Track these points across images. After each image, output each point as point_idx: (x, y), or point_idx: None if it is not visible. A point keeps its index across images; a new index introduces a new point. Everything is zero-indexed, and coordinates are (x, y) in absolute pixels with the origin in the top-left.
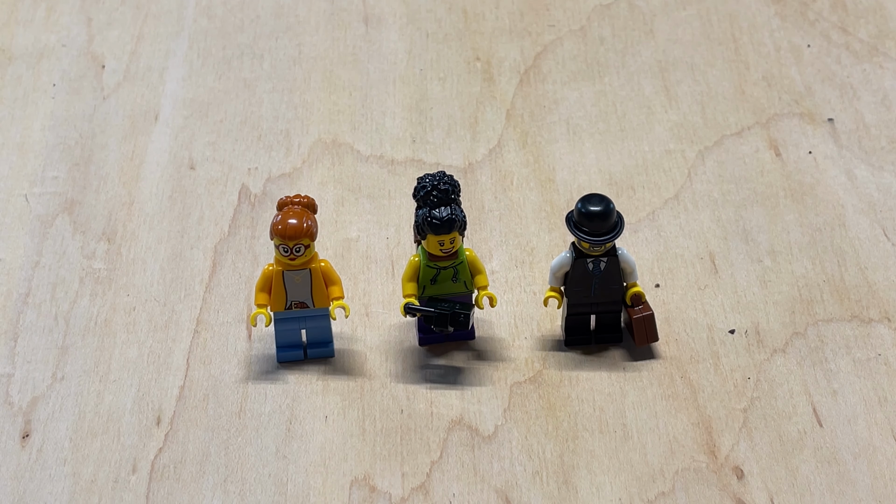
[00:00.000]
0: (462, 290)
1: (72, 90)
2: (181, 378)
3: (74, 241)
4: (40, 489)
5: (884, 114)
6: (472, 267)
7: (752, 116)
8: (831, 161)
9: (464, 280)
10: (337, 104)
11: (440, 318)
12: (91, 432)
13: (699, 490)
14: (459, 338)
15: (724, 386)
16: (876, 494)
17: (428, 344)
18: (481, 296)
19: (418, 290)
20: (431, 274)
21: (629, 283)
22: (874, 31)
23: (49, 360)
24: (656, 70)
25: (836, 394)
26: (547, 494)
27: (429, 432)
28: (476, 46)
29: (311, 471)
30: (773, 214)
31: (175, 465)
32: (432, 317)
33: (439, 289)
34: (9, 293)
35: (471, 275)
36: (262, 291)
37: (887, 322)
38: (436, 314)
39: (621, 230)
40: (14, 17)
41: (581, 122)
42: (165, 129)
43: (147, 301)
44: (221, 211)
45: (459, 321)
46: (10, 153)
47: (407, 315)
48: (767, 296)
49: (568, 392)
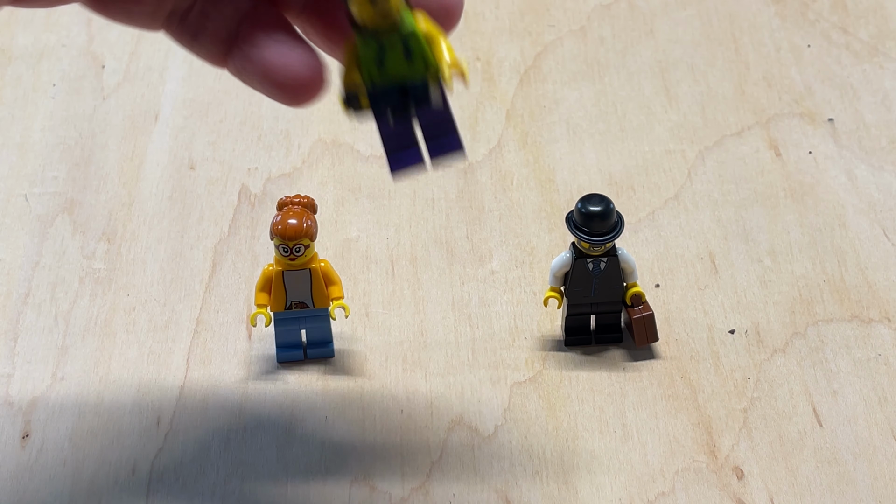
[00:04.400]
0: (421, 71)
1: (72, 90)
2: (181, 378)
3: (74, 241)
4: (40, 490)
5: (884, 114)
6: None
7: (752, 116)
8: (831, 161)
9: (421, 56)
10: (337, 105)
11: (388, 96)
12: (91, 432)
13: (699, 490)
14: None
15: (724, 386)
16: (876, 494)
17: (397, 169)
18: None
19: (363, 82)
20: (372, 52)
21: (629, 284)
22: (874, 32)
23: (49, 361)
24: (656, 70)
25: (837, 394)
26: (547, 495)
27: (429, 432)
28: (476, 46)
29: (310, 471)
30: (773, 214)
31: (175, 465)
32: (380, 99)
33: (391, 73)
34: (8, 293)
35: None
36: (261, 291)
37: (887, 322)
38: (381, 90)
39: (621, 230)
40: (14, 17)
41: (581, 122)
42: (165, 129)
43: (147, 301)
44: (221, 211)
45: (419, 94)
46: (10, 153)
47: (349, 109)
48: (767, 296)
49: (568, 392)
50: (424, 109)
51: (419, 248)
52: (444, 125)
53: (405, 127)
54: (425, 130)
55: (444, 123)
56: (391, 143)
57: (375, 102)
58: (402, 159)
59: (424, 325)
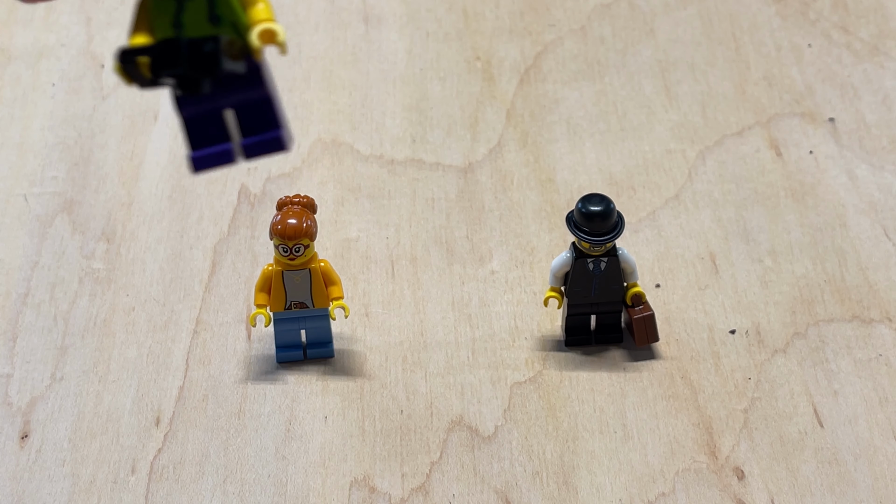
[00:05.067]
0: (229, 33)
1: (71, 90)
2: (180, 378)
3: (73, 241)
4: (39, 490)
5: (885, 113)
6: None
7: (752, 116)
8: (832, 161)
9: (228, 17)
10: (337, 104)
11: (170, 59)
12: (90, 433)
13: (700, 491)
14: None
15: (724, 386)
16: (877, 495)
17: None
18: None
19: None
20: (169, 9)
21: (629, 284)
22: (875, 31)
23: (48, 361)
24: (657, 70)
25: (837, 394)
26: (547, 495)
27: (428, 433)
28: (476, 46)
29: (310, 471)
30: (773, 214)
31: (174, 465)
32: (161, 65)
33: (190, 34)
34: (8, 293)
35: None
36: (261, 291)
37: (888, 322)
38: (157, 48)
39: (622, 230)
40: (13, 16)
41: (581, 121)
42: (165, 129)
43: (146, 301)
44: (221, 211)
45: (202, 55)
46: (10, 153)
47: (124, 74)
48: (768, 296)
49: (568, 392)
50: (230, 89)
51: (419, 248)
52: (262, 114)
53: (212, 113)
54: (240, 121)
55: (263, 112)
56: (196, 135)
57: (157, 69)
58: (206, 159)
59: (424, 325)
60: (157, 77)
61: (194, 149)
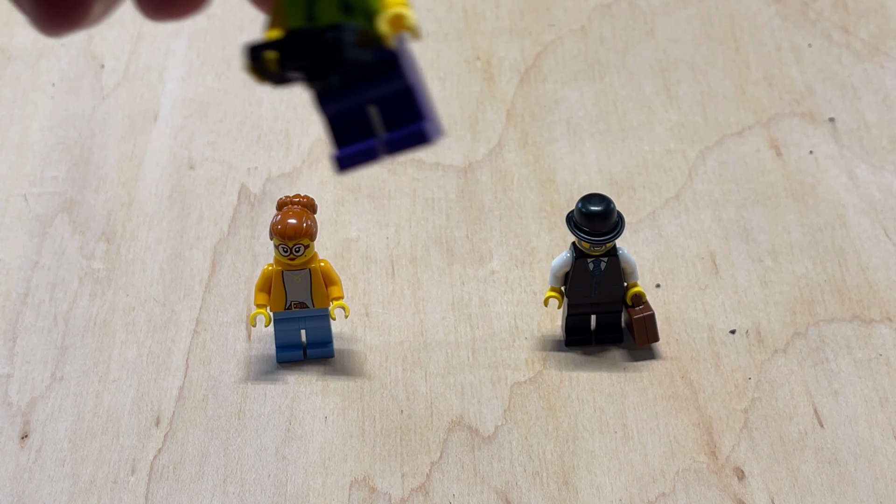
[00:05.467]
0: (362, 22)
1: (71, 90)
2: (180, 378)
3: (73, 241)
4: (39, 490)
5: (885, 113)
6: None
7: (752, 116)
8: (832, 161)
9: (359, 6)
10: None
11: (292, 47)
12: (90, 433)
13: (700, 491)
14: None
15: (724, 386)
16: (877, 495)
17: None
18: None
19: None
20: (301, 2)
21: (630, 283)
22: (875, 31)
23: (48, 361)
24: (657, 70)
25: (837, 394)
26: (547, 495)
27: (429, 433)
28: (476, 46)
29: (310, 471)
30: (773, 214)
31: (174, 465)
32: (289, 58)
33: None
34: (8, 293)
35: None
36: (261, 291)
37: (888, 322)
38: (282, 41)
39: (622, 230)
40: (13, 16)
41: (581, 121)
42: (165, 129)
43: (146, 301)
44: (221, 211)
45: (325, 44)
46: (9, 153)
47: (255, 72)
48: (768, 296)
49: (568, 392)
50: (370, 82)
51: (419, 248)
52: (404, 107)
53: (354, 109)
54: (383, 115)
55: (405, 104)
56: (341, 133)
57: (283, 63)
58: (350, 158)
59: (424, 325)
60: (284, 71)
61: (339, 147)
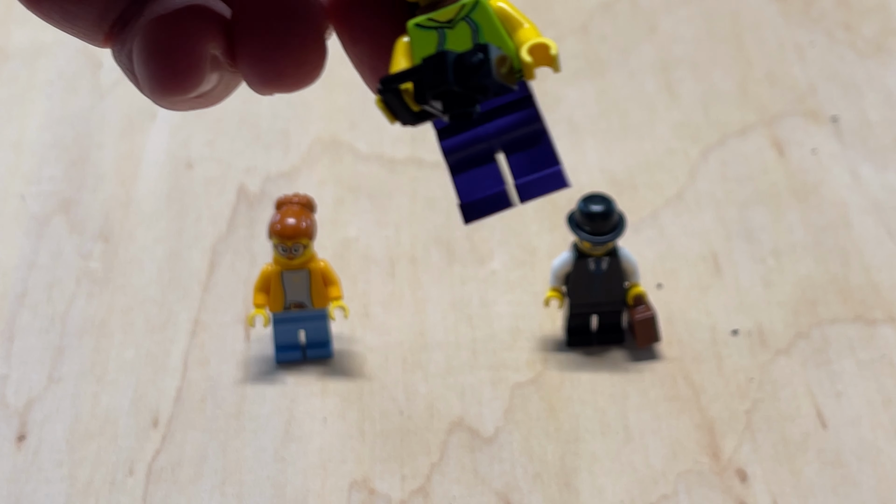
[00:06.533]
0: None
1: (68, 88)
2: (178, 379)
3: (71, 240)
4: (36, 492)
5: (888, 112)
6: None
7: (755, 115)
8: (835, 160)
9: (496, 38)
10: (336, 102)
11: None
12: (87, 434)
13: (702, 493)
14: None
15: (726, 387)
16: (880, 497)
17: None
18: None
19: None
20: (431, 40)
21: (631, 284)
22: (878, 29)
23: (45, 362)
24: (658, 68)
25: (841, 395)
26: (548, 497)
27: (428, 434)
28: None
29: (309, 473)
30: (776, 214)
31: (172, 467)
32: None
33: None
34: (4, 293)
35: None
36: (260, 292)
37: (892, 323)
38: (420, 67)
39: (623, 230)
40: (10, 14)
41: (582, 120)
42: (163, 128)
43: (144, 301)
44: (219, 210)
45: (470, 66)
46: (6, 152)
47: (382, 102)
48: (771, 296)
49: (569, 393)
50: (499, 124)
51: (419, 248)
52: (538, 149)
53: (481, 155)
54: (513, 158)
55: (539, 146)
56: (465, 181)
57: (422, 92)
58: (478, 206)
59: (424, 325)
60: (422, 102)
61: (464, 196)
